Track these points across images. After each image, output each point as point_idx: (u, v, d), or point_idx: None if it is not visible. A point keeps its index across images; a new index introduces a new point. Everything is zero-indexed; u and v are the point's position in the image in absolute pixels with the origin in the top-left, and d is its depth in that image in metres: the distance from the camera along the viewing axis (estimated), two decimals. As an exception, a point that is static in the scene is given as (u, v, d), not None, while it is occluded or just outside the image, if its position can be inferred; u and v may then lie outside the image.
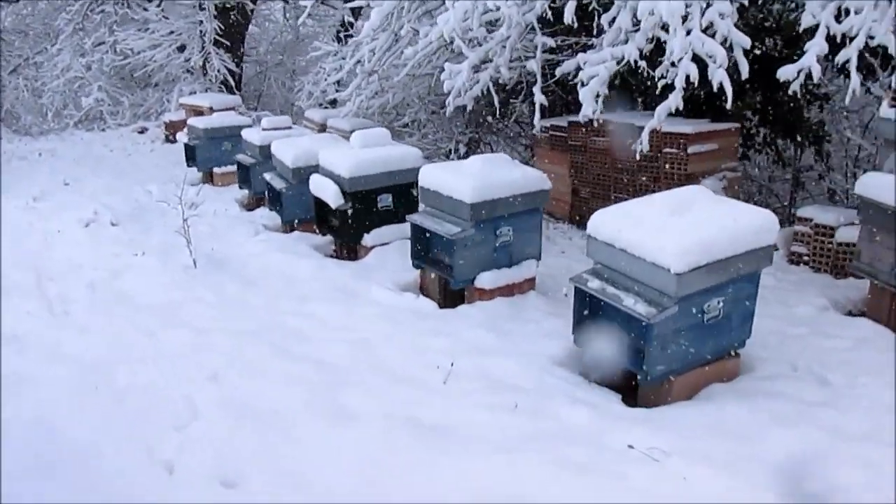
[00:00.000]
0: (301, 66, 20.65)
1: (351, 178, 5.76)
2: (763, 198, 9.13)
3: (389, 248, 6.00)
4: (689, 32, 5.15)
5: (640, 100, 8.00)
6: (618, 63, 5.30)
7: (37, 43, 17.46)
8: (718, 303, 3.56)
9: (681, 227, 3.42)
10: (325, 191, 5.91)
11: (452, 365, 3.88)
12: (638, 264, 3.47)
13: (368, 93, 8.83)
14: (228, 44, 14.10)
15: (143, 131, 14.51)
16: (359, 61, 8.50)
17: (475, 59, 6.59)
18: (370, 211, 5.98)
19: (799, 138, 7.58)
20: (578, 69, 6.42)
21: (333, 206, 5.82)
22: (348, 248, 6.20)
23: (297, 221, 7.00)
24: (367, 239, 5.99)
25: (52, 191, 9.18)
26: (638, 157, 5.72)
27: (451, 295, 5.15)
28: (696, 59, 4.91)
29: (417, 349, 4.24)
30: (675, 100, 4.99)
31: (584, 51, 7.08)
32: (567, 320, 4.63)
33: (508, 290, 4.98)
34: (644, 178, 6.70)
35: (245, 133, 8.31)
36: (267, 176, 7.18)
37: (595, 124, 6.14)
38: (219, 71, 13.79)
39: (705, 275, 3.41)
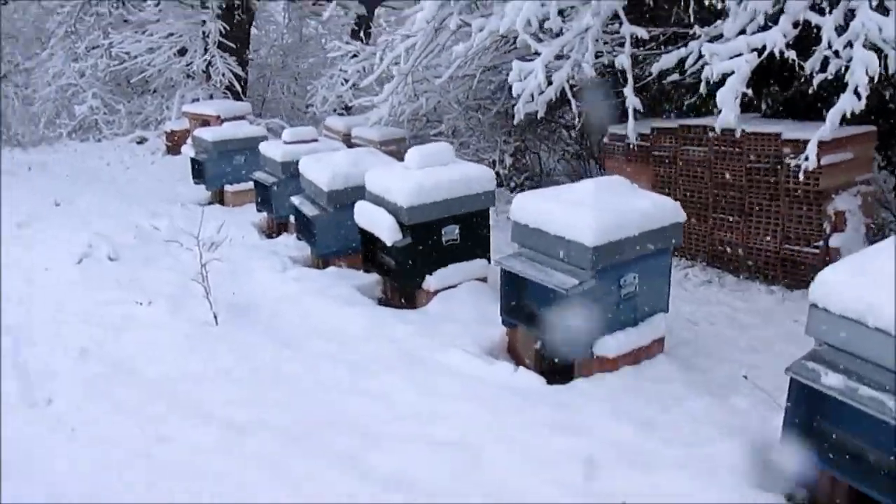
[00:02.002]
0: (304, 69, 19.54)
1: (411, 208, 4.56)
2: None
3: (457, 292, 4.80)
4: (851, 13, 3.98)
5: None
6: (759, 54, 4.09)
7: (27, 48, 16.25)
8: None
9: None
10: (378, 224, 4.70)
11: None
12: None
13: (401, 97, 7.62)
14: (234, 46, 12.88)
15: (141, 141, 13.30)
16: (395, 62, 7.29)
17: (550, 54, 5.38)
18: (433, 247, 4.78)
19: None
20: (680, 64, 5.26)
21: (389, 242, 4.62)
22: (405, 292, 4.98)
23: (332, 254, 5.80)
24: (430, 282, 4.78)
25: (41, 213, 7.98)
26: (802, 176, 4.54)
27: (551, 359, 3.96)
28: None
29: (540, 456, 3.04)
30: (850, 101, 3.78)
31: (674, 43, 5.90)
32: (722, 399, 3.47)
33: (634, 357, 3.78)
34: (758, 196, 5.49)
35: (263, 147, 7.10)
36: (295, 200, 5.97)
37: (738, 134, 4.94)
38: (224, 75, 12.58)
39: None
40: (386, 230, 4.60)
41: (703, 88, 4.39)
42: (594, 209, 3.52)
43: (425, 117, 9.09)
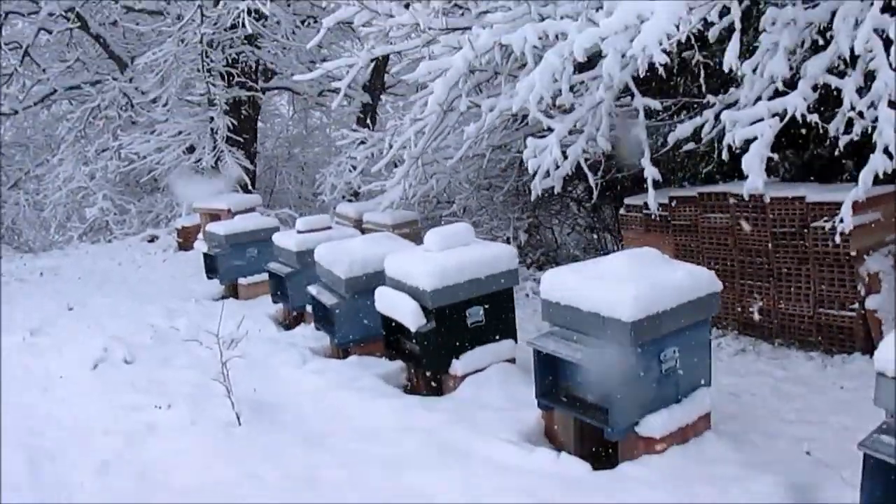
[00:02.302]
0: (311, 158, 19.83)
1: (434, 292, 4.45)
2: None
3: (486, 376, 4.64)
4: (871, 74, 3.95)
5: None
6: (780, 119, 4.05)
7: (37, 155, 16.55)
8: None
9: None
10: (400, 309, 4.58)
11: None
12: None
13: (412, 180, 7.62)
14: (241, 140, 13.06)
15: (152, 240, 13.34)
16: (404, 146, 7.32)
17: (564, 130, 5.39)
18: (458, 330, 4.65)
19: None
20: (696, 132, 5.24)
21: (412, 327, 4.48)
22: (431, 378, 4.80)
23: (352, 343, 5.66)
24: (457, 366, 4.62)
25: (54, 319, 7.86)
26: (838, 238, 4.44)
27: (591, 442, 3.77)
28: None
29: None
30: (881, 161, 3.71)
31: (685, 112, 5.92)
32: (777, 476, 3.26)
33: (681, 435, 3.58)
34: (786, 261, 5.37)
35: (277, 238, 7.05)
36: (312, 290, 5.87)
37: (767, 199, 4.88)
38: (232, 169, 12.69)
39: None
40: (409, 315, 4.47)
41: (724, 155, 4.33)
42: (630, 285, 3.39)
43: (436, 198, 9.09)
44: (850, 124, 4.03)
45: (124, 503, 3.52)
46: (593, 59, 5.13)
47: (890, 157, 3.71)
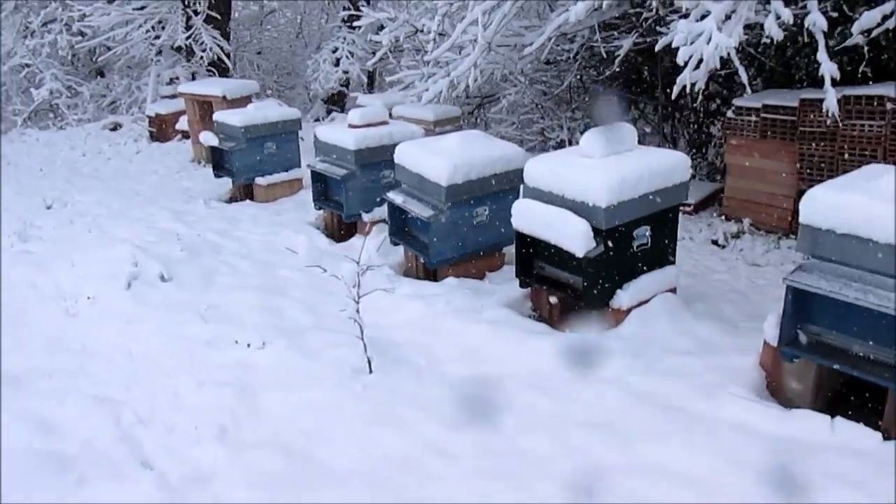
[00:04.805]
0: (267, 44, 18.14)
1: (610, 209, 3.56)
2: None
3: (651, 309, 3.84)
4: None
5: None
6: None
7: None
8: None
9: None
10: (561, 229, 3.67)
11: None
12: None
13: (477, 72, 6.54)
14: (218, 17, 11.44)
15: (115, 128, 11.81)
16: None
17: (721, 12, 4.43)
18: (624, 255, 3.80)
19: None
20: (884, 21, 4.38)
21: (580, 252, 3.60)
22: (580, 312, 3.96)
23: (446, 262, 4.76)
24: (622, 298, 3.80)
25: (35, 219, 6.59)
26: None
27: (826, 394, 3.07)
28: None
29: None
30: None
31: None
32: None
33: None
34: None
35: (324, 133, 5.93)
36: (395, 197, 4.87)
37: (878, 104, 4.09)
38: (210, 50, 11.16)
39: None
40: (578, 238, 3.58)
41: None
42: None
43: (476, 94, 8.03)
44: None
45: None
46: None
47: None
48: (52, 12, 12.07)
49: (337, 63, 11.79)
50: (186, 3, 11.04)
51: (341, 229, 6.08)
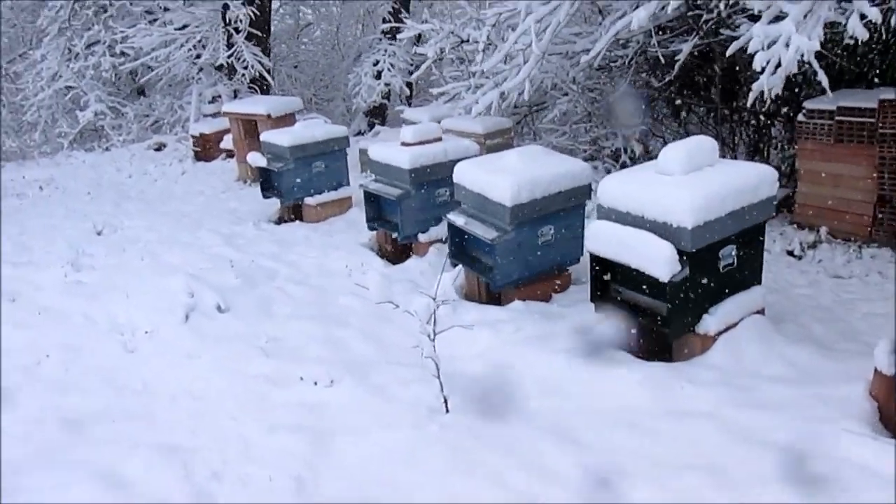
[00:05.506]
0: (304, 58, 18.14)
1: (696, 230, 3.33)
2: None
3: (739, 334, 3.60)
4: None
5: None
6: None
7: (13, 48, 14.55)
8: None
9: None
10: (643, 252, 3.44)
11: None
12: None
13: (528, 82, 6.32)
14: (260, 34, 11.40)
15: (160, 148, 11.84)
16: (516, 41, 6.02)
17: (800, 13, 4.17)
18: (711, 277, 3.56)
19: None
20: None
21: (665, 277, 3.37)
22: (662, 340, 3.72)
23: (510, 284, 4.55)
24: (709, 323, 3.56)
25: (87, 247, 6.52)
26: None
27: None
28: None
29: None
30: None
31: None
32: None
33: None
34: None
35: (377, 152, 5.76)
36: (457, 219, 4.68)
37: None
38: (251, 67, 11.12)
39: None
40: (661, 262, 3.34)
41: None
42: None
43: (526, 104, 7.81)
44: None
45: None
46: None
47: None
48: (96, 34, 12.15)
49: (378, 76, 11.68)
50: (227, 21, 11.01)
51: (396, 250, 5.91)
